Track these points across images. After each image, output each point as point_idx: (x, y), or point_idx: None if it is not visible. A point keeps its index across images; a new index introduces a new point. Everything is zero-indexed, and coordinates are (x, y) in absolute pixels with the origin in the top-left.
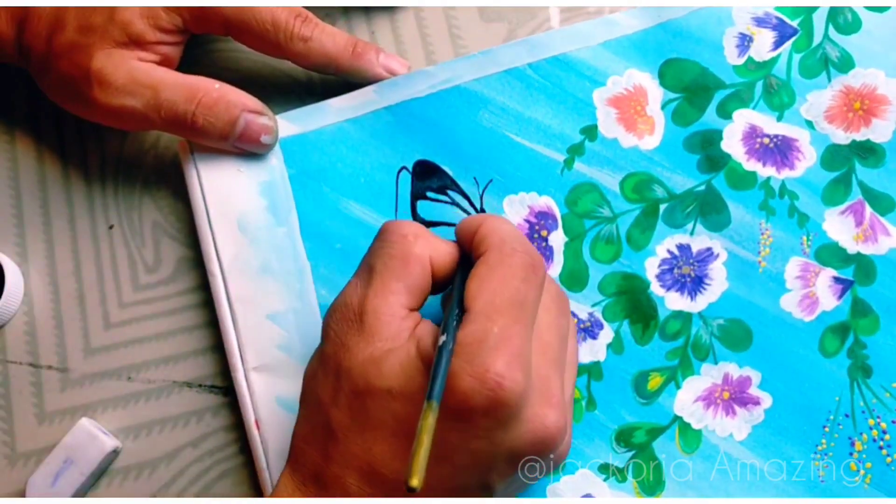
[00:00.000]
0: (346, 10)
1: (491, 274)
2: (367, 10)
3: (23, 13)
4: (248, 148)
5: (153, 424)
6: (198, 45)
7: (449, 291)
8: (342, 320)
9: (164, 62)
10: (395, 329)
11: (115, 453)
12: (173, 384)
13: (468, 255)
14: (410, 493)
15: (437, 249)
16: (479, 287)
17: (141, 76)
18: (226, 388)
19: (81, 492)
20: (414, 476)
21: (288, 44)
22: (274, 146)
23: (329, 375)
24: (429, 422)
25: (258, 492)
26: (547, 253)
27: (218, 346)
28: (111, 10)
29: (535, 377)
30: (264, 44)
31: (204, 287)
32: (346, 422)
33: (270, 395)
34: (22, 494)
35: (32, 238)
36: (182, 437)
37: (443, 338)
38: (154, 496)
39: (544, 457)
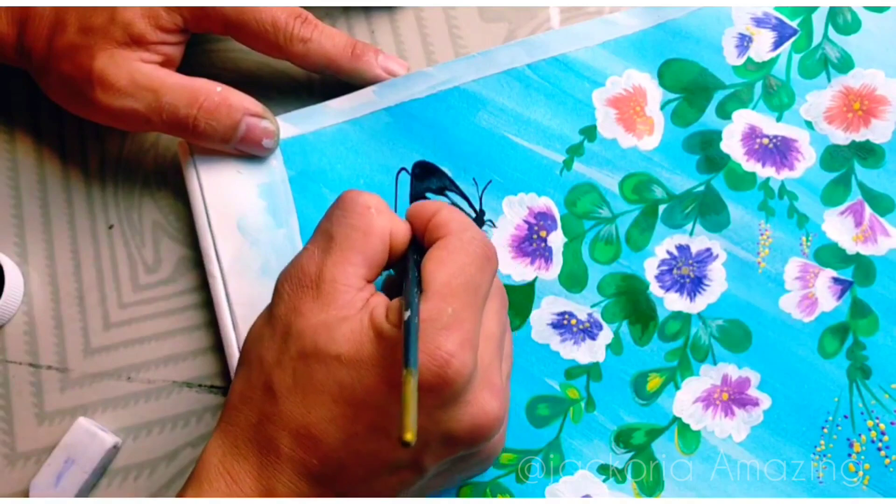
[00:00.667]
0: (346, 10)
1: (450, 258)
2: (367, 10)
3: (23, 14)
4: (249, 151)
5: (153, 424)
6: (197, 45)
7: (399, 271)
8: (298, 285)
9: (166, 62)
10: (351, 298)
11: (115, 449)
12: (173, 384)
13: (419, 237)
14: (405, 446)
15: (396, 226)
16: (436, 268)
17: (142, 78)
18: (226, 388)
19: (85, 490)
20: (408, 431)
21: (287, 45)
22: (275, 149)
23: (276, 336)
24: (410, 386)
25: None
26: (546, 254)
27: (218, 347)
28: (112, 11)
29: (479, 364)
30: (264, 44)
31: (204, 287)
32: (287, 382)
33: None
34: (23, 495)
35: (32, 238)
36: (182, 437)
37: (407, 313)
38: (154, 496)
39: (479, 444)
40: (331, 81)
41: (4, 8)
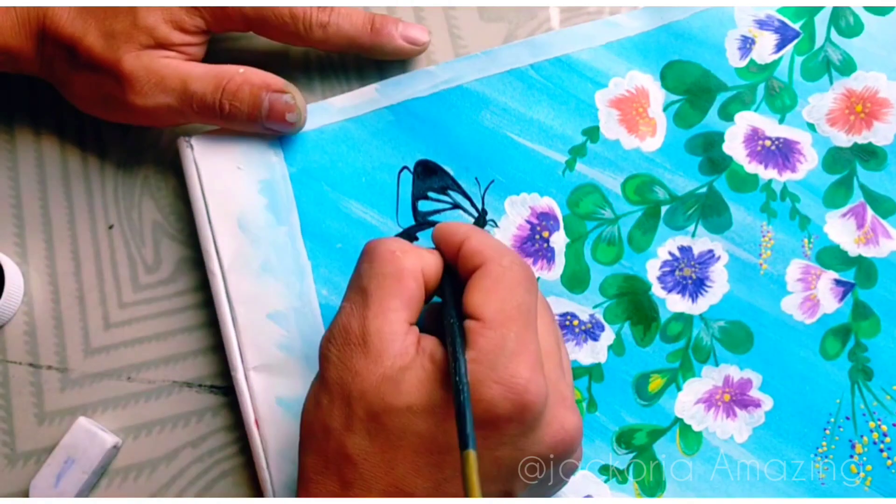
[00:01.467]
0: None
1: (496, 285)
2: (367, 10)
3: (40, 26)
4: (278, 129)
5: (153, 424)
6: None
7: (437, 305)
8: (344, 345)
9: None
10: (401, 346)
11: (115, 449)
12: (173, 384)
13: (450, 261)
14: None
15: (426, 261)
16: (485, 297)
17: (169, 72)
18: (226, 388)
19: (85, 490)
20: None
21: (308, 33)
22: (302, 124)
23: (337, 402)
24: (472, 468)
25: (258, 492)
26: (548, 254)
27: (218, 346)
28: (133, 16)
29: (548, 379)
30: (285, 35)
31: (204, 287)
32: (363, 445)
33: (270, 394)
34: (23, 495)
35: (32, 238)
36: (182, 437)
37: (455, 376)
38: (154, 496)
39: (563, 460)
40: (332, 80)
41: (21, 24)
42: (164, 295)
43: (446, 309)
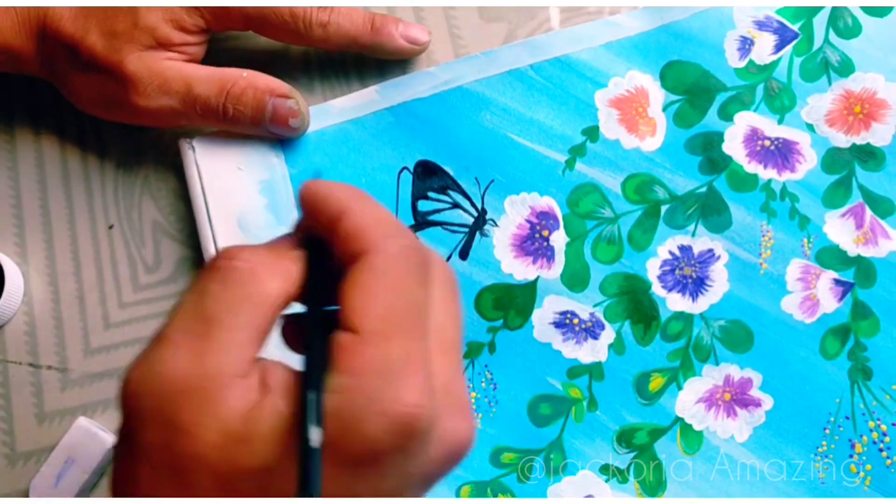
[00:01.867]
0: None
1: (380, 282)
2: (367, 10)
3: (41, 26)
4: (281, 133)
5: None
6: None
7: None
8: (167, 396)
9: (191, 61)
10: (243, 392)
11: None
12: None
13: (324, 234)
14: None
15: (294, 276)
16: (365, 300)
17: (173, 74)
18: None
19: (85, 490)
20: None
21: (308, 32)
22: (305, 129)
23: (164, 475)
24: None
25: None
26: (548, 253)
27: None
28: (134, 16)
29: (439, 384)
30: (285, 34)
31: None
32: None
33: None
34: (23, 495)
35: (32, 238)
36: None
37: (311, 426)
38: None
39: (457, 464)
40: (332, 81)
41: (21, 23)
42: (164, 295)
43: (311, 318)
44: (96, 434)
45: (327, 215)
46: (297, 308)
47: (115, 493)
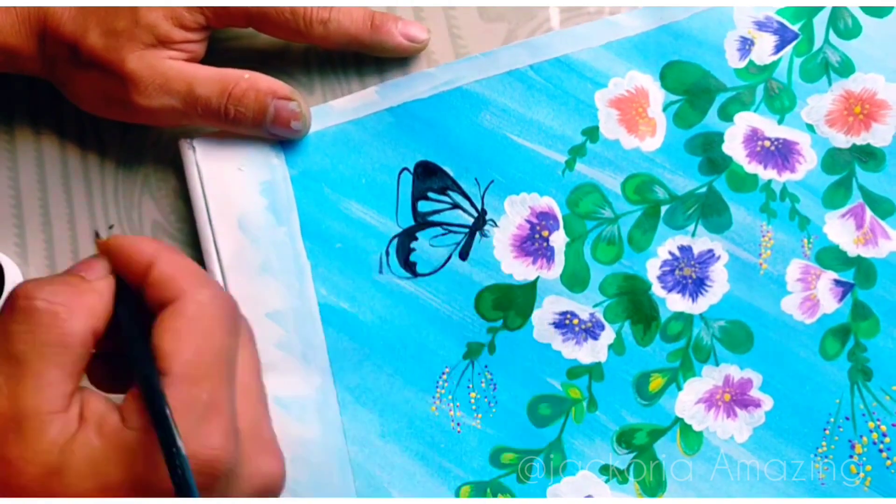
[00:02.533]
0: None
1: (191, 327)
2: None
3: (41, 26)
4: (282, 134)
5: None
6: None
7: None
8: None
9: (191, 59)
10: (61, 426)
11: None
12: None
13: (135, 285)
14: None
15: (97, 316)
16: (177, 345)
17: (174, 74)
18: None
19: None
20: None
21: (308, 29)
22: (306, 131)
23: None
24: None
25: None
26: (548, 253)
27: None
28: (134, 14)
29: (244, 426)
30: (286, 31)
31: None
32: None
33: (269, 393)
34: None
35: (32, 238)
36: None
37: (175, 442)
38: None
39: (273, 496)
40: (332, 81)
41: (21, 22)
42: None
43: (132, 356)
44: None
45: (137, 266)
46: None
47: None
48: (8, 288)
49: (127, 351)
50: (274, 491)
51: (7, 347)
